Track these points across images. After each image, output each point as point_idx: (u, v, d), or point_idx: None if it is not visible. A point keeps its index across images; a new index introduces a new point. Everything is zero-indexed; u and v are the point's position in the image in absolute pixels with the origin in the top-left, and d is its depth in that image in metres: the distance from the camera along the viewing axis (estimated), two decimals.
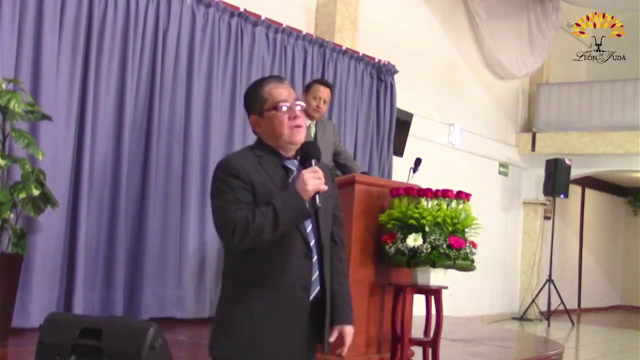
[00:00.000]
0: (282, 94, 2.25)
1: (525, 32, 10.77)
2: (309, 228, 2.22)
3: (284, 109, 2.22)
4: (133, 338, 2.12)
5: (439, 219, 3.80)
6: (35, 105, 4.25)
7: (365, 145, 7.24)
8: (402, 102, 7.81)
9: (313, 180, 2.11)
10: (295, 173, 2.25)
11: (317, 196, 2.12)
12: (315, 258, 2.23)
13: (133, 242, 5.08)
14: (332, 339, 2.30)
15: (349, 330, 2.35)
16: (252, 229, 2.06)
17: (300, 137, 2.24)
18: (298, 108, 2.24)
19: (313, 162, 2.18)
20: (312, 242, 2.23)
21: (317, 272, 2.24)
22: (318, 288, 2.24)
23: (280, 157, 2.25)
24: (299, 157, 2.26)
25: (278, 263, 2.17)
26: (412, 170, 5.08)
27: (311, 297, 2.23)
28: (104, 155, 4.93)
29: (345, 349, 2.37)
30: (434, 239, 3.77)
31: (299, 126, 2.22)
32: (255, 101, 2.26)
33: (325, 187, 2.14)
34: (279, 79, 2.33)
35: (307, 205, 2.11)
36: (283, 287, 2.17)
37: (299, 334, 2.20)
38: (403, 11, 8.60)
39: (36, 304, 4.41)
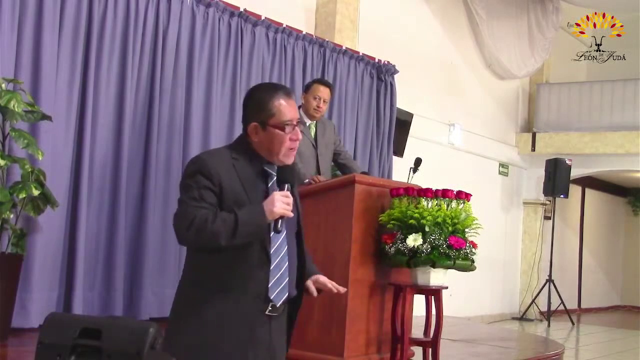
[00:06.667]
0: (291, 113, 2.26)
1: (525, 32, 10.77)
2: (272, 234, 2.23)
3: (291, 129, 2.24)
4: (133, 338, 2.12)
5: (439, 219, 3.80)
6: (35, 105, 4.24)
7: (365, 145, 7.24)
8: (402, 102, 7.81)
9: (282, 204, 2.14)
10: (275, 178, 2.27)
11: (280, 220, 2.16)
12: (272, 266, 2.22)
13: (133, 242, 5.08)
14: (312, 288, 2.37)
15: (322, 277, 2.41)
16: (208, 230, 2.09)
17: (291, 159, 2.29)
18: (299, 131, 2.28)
19: (286, 187, 2.22)
20: (272, 250, 2.23)
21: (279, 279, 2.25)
22: (286, 295, 2.26)
23: (260, 161, 2.26)
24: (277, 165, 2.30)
25: (234, 270, 2.18)
26: (412, 170, 5.08)
27: (278, 304, 2.24)
28: (104, 155, 4.93)
29: (331, 285, 2.40)
30: (434, 239, 3.77)
31: (294, 149, 2.28)
32: (261, 111, 2.25)
33: (291, 214, 2.18)
34: (288, 93, 2.31)
35: (267, 225, 2.15)
36: (236, 294, 2.18)
37: (250, 339, 2.21)
38: (403, 11, 8.60)
39: (36, 304, 4.41)
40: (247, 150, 2.26)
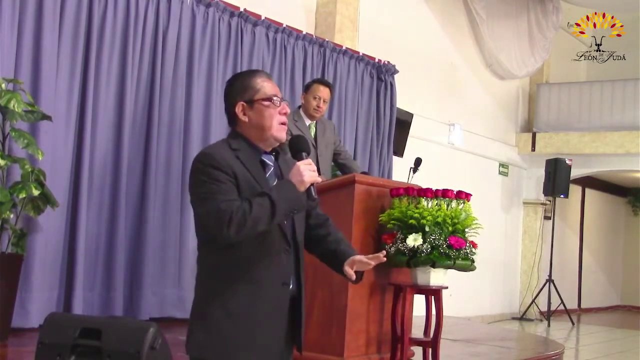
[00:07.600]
0: (276, 89, 2.28)
1: (525, 32, 10.78)
2: (286, 224, 2.22)
3: (278, 103, 2.24)
4: (133, 338, 2.12)
5: (439, 219, 3.80)
6: (35, 105, 4.25)
7: (365, 145, 7.24)
8: (402, 102, 7.81)
9: (309, 171, 2.13)
10: (272, 169, 2.26)
11: (312, 187, 2.14)
12: (292, 254, 2.23)
13: (133, 242, 5.08)
14: (352, 270, 2.29)
15: (358, 256, 2.31)
16: (249, 220, 2.04)
17: (284, 134, 2.27)
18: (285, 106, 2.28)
19: (304, 154, 2.20)
20: (289, 238, 2.23)
21: (293, 269, 2.24)
22: (292, 285, 2.24)
23: (257, 151, 2.25)
24: (274, 154, 2.29)
25: (258, 258, 2.14)
26: (412, 170, 5.08)
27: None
28: (104, 155, 4.93)
29: (371, 258, 2.30)
30: (434, 239, 3.77)
31: (285, 123, 2.26)
32: (245, 89, 2.25)
33: (320, 179, 2.16)
34: (268, 74, 2.34)
35: (301, 196, 2.12)
36: (263, 282, 2.15)
37: (277, 330, 2.19)
38: (403, 11, 8.60)
39: (36, 304, 4.41)
40: (243, 140, 2.24)
